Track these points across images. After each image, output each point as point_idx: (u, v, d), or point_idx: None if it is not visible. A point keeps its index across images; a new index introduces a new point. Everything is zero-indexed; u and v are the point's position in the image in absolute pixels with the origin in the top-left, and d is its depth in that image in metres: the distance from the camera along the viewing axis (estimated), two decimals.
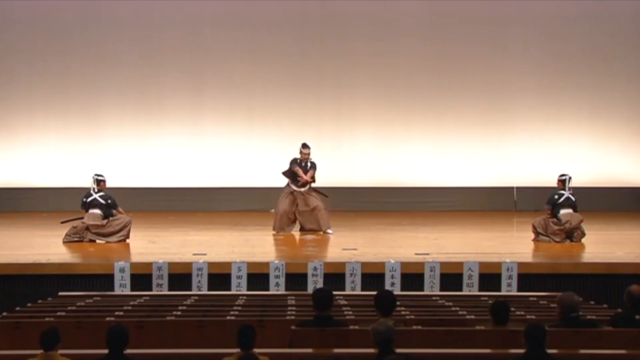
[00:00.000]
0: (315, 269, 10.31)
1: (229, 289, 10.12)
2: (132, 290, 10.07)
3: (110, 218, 12.30)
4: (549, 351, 5.74)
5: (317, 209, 12.94)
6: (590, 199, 14.53)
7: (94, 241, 12.20)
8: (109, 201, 12.35)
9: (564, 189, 12.35)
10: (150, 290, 10.10)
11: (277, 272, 10.28)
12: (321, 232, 12.94)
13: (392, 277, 10.28)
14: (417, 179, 16.49)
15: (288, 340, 6.54)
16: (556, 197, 12.33)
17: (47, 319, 7.42)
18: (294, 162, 13.03)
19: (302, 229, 13.09)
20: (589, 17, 16.45)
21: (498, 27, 16.50)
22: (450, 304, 8.43)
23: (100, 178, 12.44)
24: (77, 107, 16.36)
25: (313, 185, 13.15)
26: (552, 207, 12.31)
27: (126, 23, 16.37)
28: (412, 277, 10.38)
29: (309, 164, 13.05)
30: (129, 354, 5.72)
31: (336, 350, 6.19)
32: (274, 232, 12.99)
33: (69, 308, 8.09)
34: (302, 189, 13.02)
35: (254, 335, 5.70)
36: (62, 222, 12.63)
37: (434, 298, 9.14)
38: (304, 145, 13.03)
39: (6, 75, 16.44)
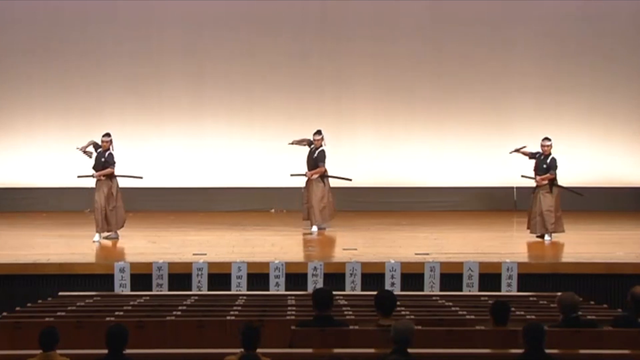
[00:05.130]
0: (315, 269, 10.32)
1: (229, 289, 10.13)
2: (132, 290, 10.08)
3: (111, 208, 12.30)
4: (549, 351, 5.74)
5: (311, 204, 13.06)
6: (590, 199, 14.52)
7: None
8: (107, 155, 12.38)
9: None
10: (150, 290, 10.12)
11: (277, 272, 10.29)
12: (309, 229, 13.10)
13: (392, 277, 10.29)
14: (417, 179, 16.48)
15: (288, 340, 6.54)
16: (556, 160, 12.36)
17: (47, 319, 7.43)
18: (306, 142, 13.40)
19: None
20: (589, 17, 16.43)
21: (498, 28, 16.50)
22: (450, 304, 8.43)
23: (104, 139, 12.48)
24: (77, 107, 16.35)
25: (330, 173, 13.37)
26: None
27: (126, 23, 16.36)
28: (412, 277, 10.39)
29: (316, 153, 13.18)
30: (128, 354, 5.72)
31: (336, 350, 6.20)
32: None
33: (69, 308, 8.10)
34: (313, 177, 13.14)
35: (258, 337, 5.70)
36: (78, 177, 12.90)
37: (434, 298, 9.15)
38: (315, 132, 13.28)
39: (6, 75, 16.43)
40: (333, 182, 13.56)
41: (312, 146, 13.31)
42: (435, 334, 6.66)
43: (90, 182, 12.70)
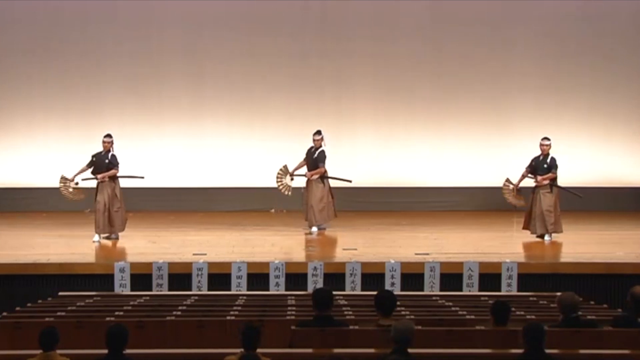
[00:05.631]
0: (315, 269, 10.32)
1: (229, 289, 10.13)
2: (132, 290, 10.08)
3: (114, 209, 12.29)
4: (549, 351, 5.74)
5: (310, 204, 13.10)
6: (590, 199, 14.52)
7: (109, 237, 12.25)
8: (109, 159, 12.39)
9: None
10: (150, 290, 10.12)
11: (277, 272, 10.29)
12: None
13: (392, 277, 10.29)
14: (417, 179, 16.47)
15: (288, 340, 6.54)
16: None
17: (47, 319, 7.43)
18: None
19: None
20: (589, 17, 16.43)
21: (498, 28, 16.49)
22: (450, 304, 8.43)
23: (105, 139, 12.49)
24: (77, 107, 16.35)
25: (330, 174, 13.38)
26: None
27: (126, 23, 16.36)
28: (412, 277, 10.39)
29: (316, 153, 13.23)
30: (128, 354, 5.72)
31: (336, 350, 6.20)
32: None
33: (69, 308, 8.10)
34: (313, 178, 13.20)
35: (258, 336, 5.70)
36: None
37: (434, 298, 9.15)
38: (315, 132, 13.33)
39: (6, 75, 16.43)
40: (332, 183, 13.56)
41: (312, 146, 13.32)
42: (435, 334, 6.66)
43: (90, 182, 12.69)
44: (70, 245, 12.11)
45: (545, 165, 12.44)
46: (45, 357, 5.71)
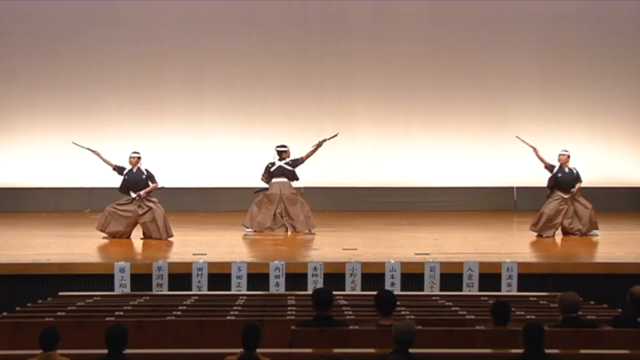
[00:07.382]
0: (315, 269, 10.31)
1: (229, 289, 10.11)
2: (132, 290, 10.07)
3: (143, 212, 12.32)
4: (549, 351, 5.74)
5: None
6: (590, 199, 14.50)
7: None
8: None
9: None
10: (150, 290, 10.11)
11: (277, 272, 10.28)
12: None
13: (392, 277, 10.28)
14: (417, 179, 16.48)
15: (288, 340, 6.54)
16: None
17: (47, 319, 7.42)
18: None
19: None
20: (589, 17, 16.45)
21: (498, 27, 16.51)
22: (450, 304, 8.42)
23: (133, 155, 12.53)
24: (77, 107, 16.36)
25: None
26: None
27: (126, 23, 16.38)
28: (412, 277, 10.37)
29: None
30: (128, 354, 5.72)
31: (336, 350, 6.19)
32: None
33: (69, 308, 8.09)
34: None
35: (258, 336, 5.70)
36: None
37: (434, 298, 9.14)
38: (283, 145, 13.56)
39: (6, 75, 16.44)
40: (332, 183, 13.56)
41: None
42: (435, 334, 6.65)
43: (90, 182, 12.70)
44: (70, 245, 12.10)
45: (574, 176, 12.75)
46: (45, 357, 5.71)
